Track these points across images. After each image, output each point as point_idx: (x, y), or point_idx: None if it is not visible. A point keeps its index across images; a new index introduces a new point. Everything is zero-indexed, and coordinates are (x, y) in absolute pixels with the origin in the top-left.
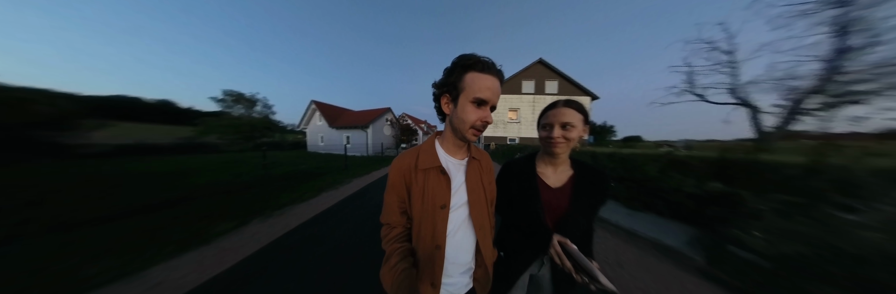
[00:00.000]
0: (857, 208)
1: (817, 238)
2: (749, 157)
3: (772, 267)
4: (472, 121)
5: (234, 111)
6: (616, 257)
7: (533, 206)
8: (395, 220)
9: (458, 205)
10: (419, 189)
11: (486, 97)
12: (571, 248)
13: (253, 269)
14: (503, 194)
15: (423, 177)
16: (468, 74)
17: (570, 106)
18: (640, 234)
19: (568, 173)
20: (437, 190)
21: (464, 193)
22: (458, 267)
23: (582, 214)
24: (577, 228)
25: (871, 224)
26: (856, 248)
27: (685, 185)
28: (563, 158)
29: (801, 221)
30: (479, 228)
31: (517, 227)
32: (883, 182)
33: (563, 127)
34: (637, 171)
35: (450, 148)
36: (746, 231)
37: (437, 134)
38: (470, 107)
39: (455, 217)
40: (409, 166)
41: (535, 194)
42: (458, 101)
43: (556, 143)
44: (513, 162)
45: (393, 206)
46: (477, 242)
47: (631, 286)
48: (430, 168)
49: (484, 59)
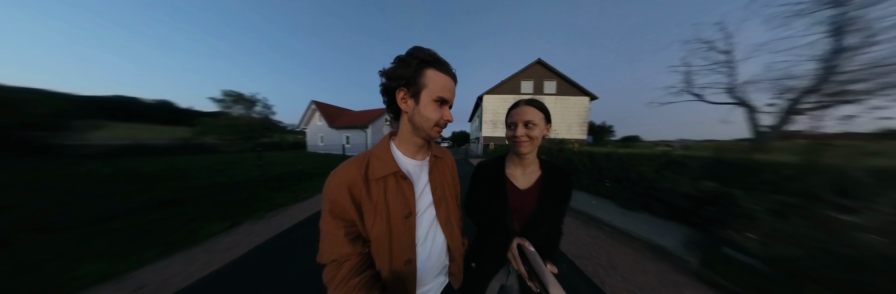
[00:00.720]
0: (852, 208)
1: (811, 239)
2: (742, 156)
3: (767, 270)
4: (437, 119)
5: (234, 111)
6: (609, 259)
7: (501, 208)
8: (346, 252)
9: (424, 208)
10: (374, 203)
11: (448, 97)
12: (529, 250)
13: (243, 270)
14: (475, 196)
15: (378, 187)
16: (428, 71)
17: (531, 104)
18: (634, 235)
19: (536, 174)
20: (399, 198)
21: (428, 194)
22: (433, 271)
23: (548, 216)
24: (542, 229)
25: (866, 225)
26: (850, 249)
27: (680, 185)
28: (530, 159)
29: (794, 222)
30: (446, 225)
31: (488, 233)
32: (877, 182)
33: (525, 125)
34: (633, 170)
35: (409, 149)
36: (740, 232)
37: (392, 135)
38: (433, 105)
39: (422, 222)
40: (356, 179)
41: (503, 197)
42: (420, 98)
43: (521, 141)
44: (484, 163)
45: (337, 237)
46: (446, 240)
47: (623, 289)
48: (386, 175)
49: (441, 58)
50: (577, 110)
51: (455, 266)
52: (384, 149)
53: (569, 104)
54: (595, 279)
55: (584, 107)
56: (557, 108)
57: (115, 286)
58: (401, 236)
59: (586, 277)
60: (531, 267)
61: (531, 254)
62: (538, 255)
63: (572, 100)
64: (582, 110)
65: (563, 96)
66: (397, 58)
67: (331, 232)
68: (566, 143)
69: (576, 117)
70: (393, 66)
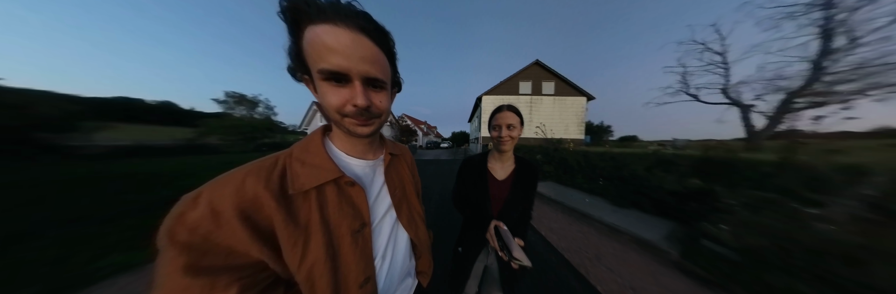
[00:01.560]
0: (818, 202)
1: (776, 230)
2: (728, 155)
3: (738, 259)
4: (336, 106)
5: (236, 112)
6: (596, 251)
7: (482, 196)
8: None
9: (382, 214)
10: (302, 226)
11: (336, 66)
12: (502, 229)
13: None
14: (461, 188)
15: (306, 203)
16: (308, 30)
17: (511, 110)
18: (621, 230)
19: (511, 167)
20: (345, 211)
21: (386, 197)
22: (398, 278)
23: (519, 202)
24: (515, 213)
25: (827, 216)
26: (813, 240)
27: (667, 183)
28: (508, 154)
29: (764, 215)
30: (410, 224)
31: (472, 220)
32: (841, 178)
33: (508, 127)
34: (625, 169)
35: (354, 147)
36: (716, 225)
37: (325, 130)
38: (324, 85)
39: (382, 231)
40: (258, 198)
41: (484, 186)
42: (313, 78)
43: (504, 140)
44: (469, 158)
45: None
46: (411, 238)
47: (606, 278)
48: (322, 185)
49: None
50: (575, 110)
51: (424, 263)
52: (314, 149)
53: (566, 104)
54: (581, 269)
55: (582, 107)
56: (555, 108)
57: (137, 275)
58: (350, 256)
59: (573, 268)
60: (503, 242)
61: (504, 232)
62: (509, 232)
63: (570, 100)
64: (579, 110)
65: (561, 97)
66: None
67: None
68: (563, 142)
69: (573, 117)
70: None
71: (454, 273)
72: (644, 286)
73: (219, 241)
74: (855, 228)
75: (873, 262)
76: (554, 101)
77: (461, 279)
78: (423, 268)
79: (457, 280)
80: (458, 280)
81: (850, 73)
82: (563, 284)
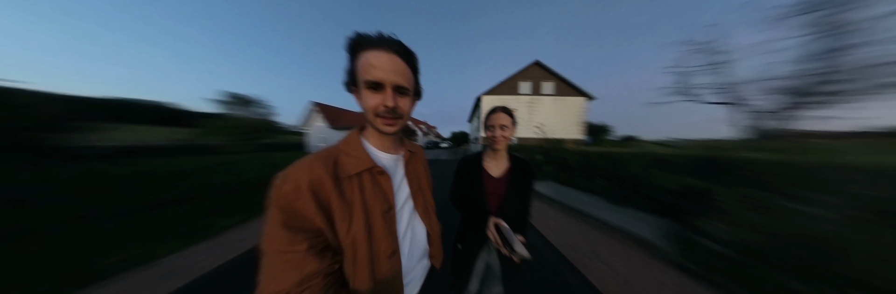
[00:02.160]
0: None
1: (766, 226)
2: (724, 155)
3: (729, 254)
4: (371, 107)
5: (235, 113)
6: (593, 249)
7: (479, 193)
8: (310, 270)
9: (403, 201)
10: (348, 203)
11: (375, 77)
12: (503, 226)
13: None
14: (459, 186)
15: (351, 186)
16: (360, 56)
17: (504, 111)
18: (618, 228)
19: (506, 165)
20: (378, 195)
21: (405, 187)
22: (416, 258)
23: (516, 198)
24: (513, 210)
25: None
26: (801, 236)
27: (664, 182)
28: (502, 153)
29: (755, 213)
30: (424, 214)
31: (471, 217)
32: (834, 177)
33: (501, 128)
34: (622, 169)
35: (382, 143)
36: (708, 222)
37: (360, 130)
38: (366, 92)
39: (403, 215)
40: (322, 179)
41: (480, 184)
42: (360, 88)
43: (498, 140)
44: (466, 157)
45: (296, 254)
46: (426, 227)
47: (603, 274)
48: (361, 172)
49: (375, 34)
50: (575, 111)
51: (435, 248)
52: (354, 144)
53: (566, 105)
54: (578, 265)
55: (582, 107)
56: (555, 108)
57: (149, 270)
58: (381, 232)
59: (570, 264)
60: (504, 237)
61: (505, 228)
62: (510, 229)
63: (570, 100)
64: (579, 111)
65: (561, 97)
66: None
67: (285, 251)
68: (562, 143)
69: (573, 117)
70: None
71: (456, 270)
72: (640, 281)
73: (298, 208)
74: (841, 225)
75: (856, 257)
76: (554, 101)
77: (464, 276)
78: (435, 252)
79: (460, 277)
80: (462, 277)
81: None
82: (561, 280)
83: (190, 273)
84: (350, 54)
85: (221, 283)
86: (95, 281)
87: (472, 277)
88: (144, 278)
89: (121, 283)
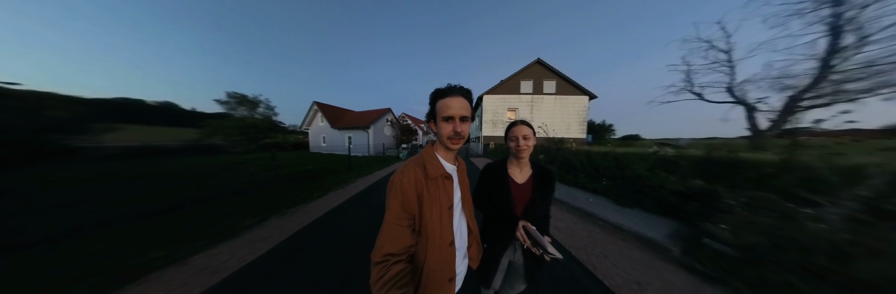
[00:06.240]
0: (815, 202)
1: (773, 228)
2: (730, 155)
3: (736, 255)
4: (445, 133)
5: (238, 113)
6: (602, 249)
7: (506, 198)
8: (406, 243)
9: (458, 202)
10: (431, 197)
11: (450, 114)
12: (531, 228)
13: (283, 255)
14: (483, 191)
15: (433, 185)
16: (438, 102)
17: (524, 124)
18: (625, 229)
19: (529, 172)
20: (445, 194)
21: (459, 191)
22: (462, 255)
23: (540, 202)
24: (537, 213)
25: (822, 216)
26: (807, 237)
27: (669, 183)
28: (525, 161)
29: (761, 214)
30: (470, 215)
31: (495, 218)
32: (840, 179)
33: (523, 138)
34: (628, 169)
35: (448, 157)
36: (716, 224)
37: (432, 145)
38: (441, 124)
39: (457, 212)
40: (420, 178)
41: (506, 189)
42: (437, 121)
43: (522, 150)
44: (491, 164)
45: (402, 229)
46: (469, 226)
47: (612, 273)
48: (437, 176)
49: (446, 88)
50: (577, 109)
51: (473, 250)
52: (433, 156)
53: (568, 103)
54: (588, 265)
55: (584, 106)
56: (557, 107)
57: (183, 267)
58: (446, 223)
59: (581, 264)
60: (534, 239)
61: (532, 230)
62: (537, 230)
63: (571, 99)
64: (581, 109)
65: (563, 96)
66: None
67: (398, 224)
68: (564, 142)
69: (575, 116)
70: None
71: (481, 267)
72: (648, 280)
73: (408, 195)
74: (846, 227)
75: (861, 258)
76: (555, 100)
77: (491, 273)
78: (473, 254)
79: (485, 274)
80: (487, 274)
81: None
82: (573, 279)
83: (225, 269)
84: (432, 100)
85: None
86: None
87: (495, 274)
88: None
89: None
